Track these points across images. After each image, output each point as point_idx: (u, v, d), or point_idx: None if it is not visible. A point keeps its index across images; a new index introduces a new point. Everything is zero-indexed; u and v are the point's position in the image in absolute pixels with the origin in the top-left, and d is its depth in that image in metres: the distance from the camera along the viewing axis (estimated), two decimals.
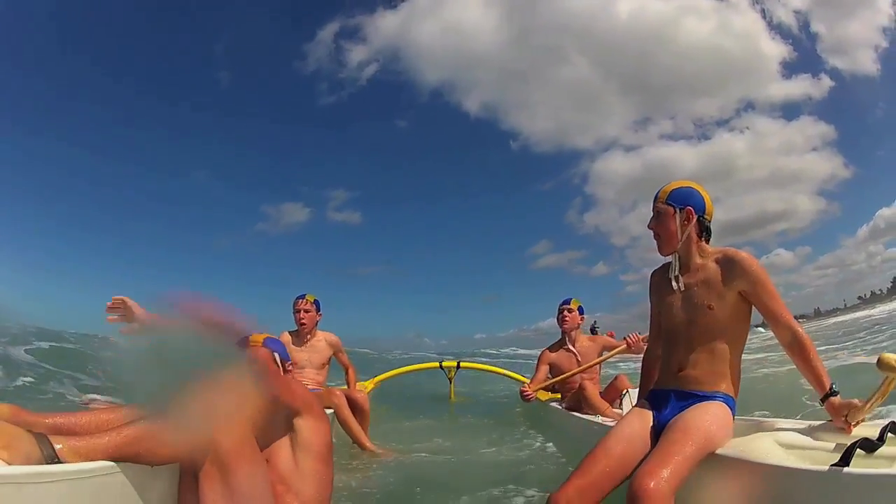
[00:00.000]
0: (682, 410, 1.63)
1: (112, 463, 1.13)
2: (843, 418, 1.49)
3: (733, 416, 1.67)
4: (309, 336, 3.68)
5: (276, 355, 1.65)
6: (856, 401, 1.48)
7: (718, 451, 1.51)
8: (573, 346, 3.63)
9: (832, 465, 1.19)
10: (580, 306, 3.70)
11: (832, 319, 32.91)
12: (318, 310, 3.73)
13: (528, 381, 5.39)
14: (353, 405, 3.40)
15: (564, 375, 3.61)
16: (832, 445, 1.42)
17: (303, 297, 3.67)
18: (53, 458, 1.05)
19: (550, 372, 3.70)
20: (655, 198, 1.84)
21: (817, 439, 1.50)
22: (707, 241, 1.81)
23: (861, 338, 11.95)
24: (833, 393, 1.55)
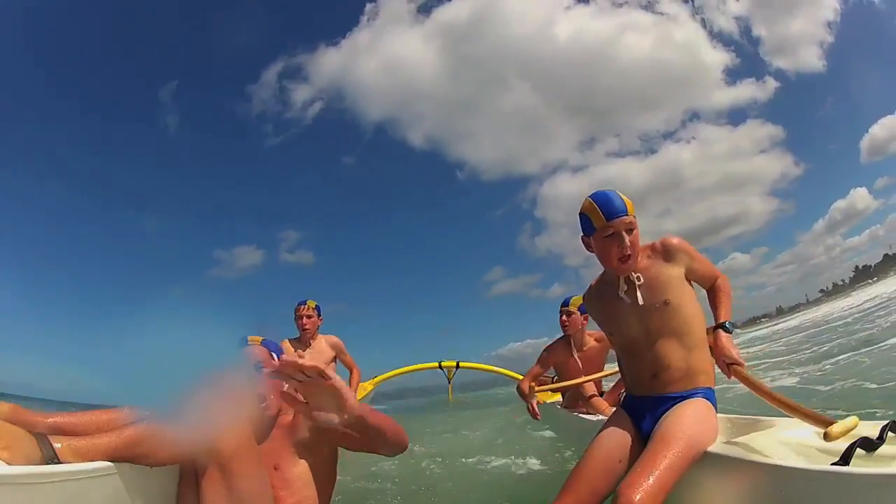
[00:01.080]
0: (663, 416, 1.59)
1: (112, 463, 1.13)
2: (723, 360, 1.64)
3: (715, 407, 1.65)
4: (311, 341, 3.74)
5: (274, 355, 1.65)
6: (739, 359, 1.65)
7: (718, 452, 1.51)
8: (579, 350, 3.42)
9: (832, 465, 1.19)
10: (582, 305, 3.39)
11: (796, 318, 30.54)
12: (319, 315, 3.79)
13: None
14: None
15: (572, 382, 3.48)
16: (832, 445, 1.42)
17: (304, 303, 3.74)
18: (53, 459, 1.04)
19: (556, 372, 3.63)
20: (621, 212, 1.68)
21: (817, 439, 1.51)
22: None
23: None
24: (724, 327, 1.68)
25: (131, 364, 1.22)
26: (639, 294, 1.69)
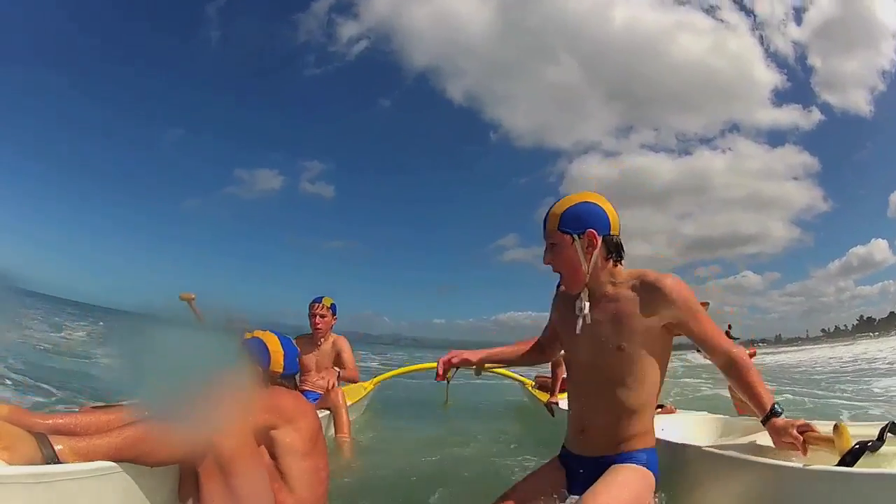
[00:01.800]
0: (593, 482, 1.36)
1: (112, 463, 1.13)
2: (791, 438, 1.30)
3: (656, 474, 1.44)
4: (322, 340, 3.63)
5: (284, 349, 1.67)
6: (804, 421, 1.32)
7: (718, 452, 1.51)
8: None
9: (833, 465, 1.19)
10: None
11: (793, 352, 31.12)
12: (333, 314, 3.65)
13: (530, 382, 5.39)
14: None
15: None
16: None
17: (319, 301, 3.59)
18: (54, 459, 1.05)
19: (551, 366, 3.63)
20: (544, 225, 1.49)
21: None
22: (619, 261, 1.48)
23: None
24: (775, 413, 1.36)
25: (134, 364, 1.22)
26: (588, 317, 1.45)
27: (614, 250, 1.47)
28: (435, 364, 1.72)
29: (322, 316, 3.57)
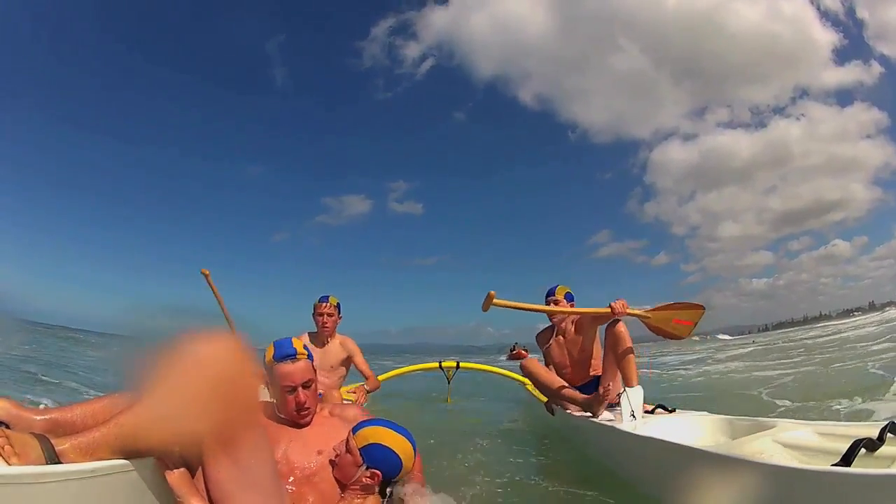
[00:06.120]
0: None
1: (113, 462, 1.12)
2: None
3: None
4: (328, 339, 3.66)
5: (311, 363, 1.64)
6: None
7: (718, 452, 1.52)
8: (564, 336, 3.36)
9: (832, 465, 1.20)
10: (568, 293, 3.34)
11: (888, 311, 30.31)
12: (339, 313, 3.69)
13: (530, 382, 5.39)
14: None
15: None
16: (832, 446, 1.42)
17: (326, 300, 3.62)
18: (55, 460, 1.04)
19: (544, 360, 3.60)
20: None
21: (817, 440, 1.51)
22: None
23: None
24: None
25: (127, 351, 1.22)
26: None
27: None
28: (434, 364, 1.74)
29: (330, 315, 3.61)
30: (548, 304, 3.27)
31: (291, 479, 1.47)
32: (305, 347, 1.64)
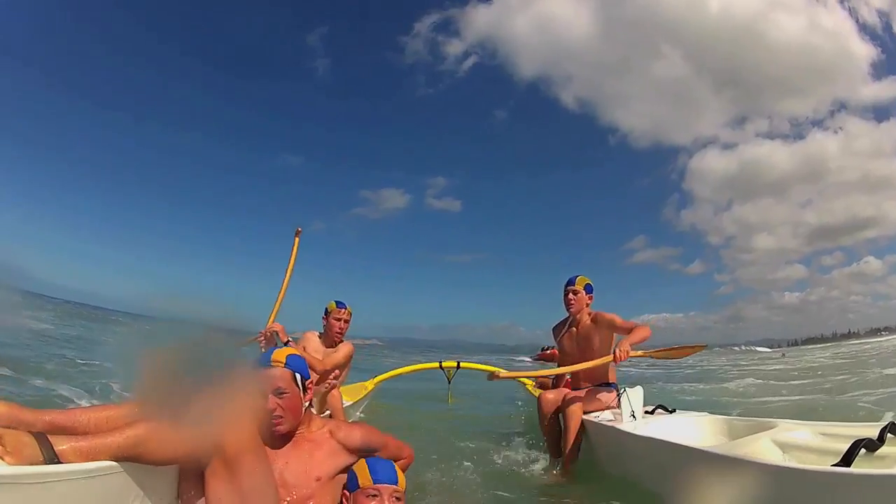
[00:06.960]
0: None
1: (113, 463, 1.12)
2: None
3: None
4: (337, 342, 3.64)
5: (298, 376, 1.61)
6: None
7: (719, 452, 1.52)
8: (577, 328, 3.30)
9: (832, 465, 1.19)
10: (588, 284, 3.28)
11: None
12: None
13: (531, 382, 5.40)
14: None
15: (538, 373, 4.13)
16: (832, 446, 1.42)
17: (344, 306, 3.64)
18: (54, 459, 1.04)
19: (558, 351, 3.60)
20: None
21: (817, 440, 1.51)
22: None
23: None
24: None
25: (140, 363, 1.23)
26: None
27: None
28: (434, 364, 1.75)
29: (346, 321, 3.64)
30: (566, 292, 3.29)
31: (287, 500, 1.46)
32: (299, 358, 1.63)
